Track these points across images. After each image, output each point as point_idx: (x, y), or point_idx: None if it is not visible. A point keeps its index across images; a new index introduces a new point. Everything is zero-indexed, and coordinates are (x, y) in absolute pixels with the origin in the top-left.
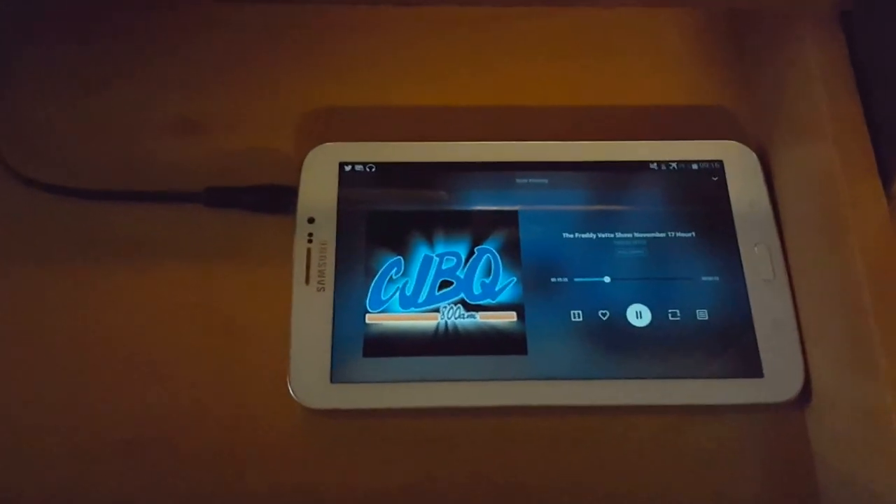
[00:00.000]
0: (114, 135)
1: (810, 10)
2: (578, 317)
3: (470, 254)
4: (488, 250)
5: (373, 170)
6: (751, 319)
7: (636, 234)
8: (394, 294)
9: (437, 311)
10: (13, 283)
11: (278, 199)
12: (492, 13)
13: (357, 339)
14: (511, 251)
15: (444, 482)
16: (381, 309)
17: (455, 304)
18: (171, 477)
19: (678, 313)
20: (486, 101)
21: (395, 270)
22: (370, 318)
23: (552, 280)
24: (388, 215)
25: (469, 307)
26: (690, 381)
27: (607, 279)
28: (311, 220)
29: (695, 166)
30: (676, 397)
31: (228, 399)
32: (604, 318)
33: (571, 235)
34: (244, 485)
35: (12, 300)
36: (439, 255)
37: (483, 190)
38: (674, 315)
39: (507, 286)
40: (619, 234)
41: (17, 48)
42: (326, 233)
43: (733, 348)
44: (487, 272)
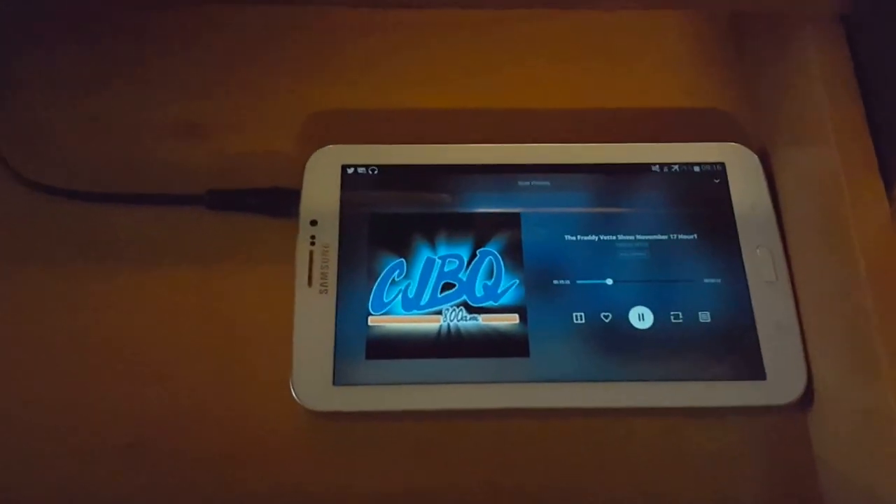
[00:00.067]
0: (116, 137)
1: (811, 12)
2: (581, 319)
3: (472, 256)
4: (490, 252)
5: (375, 172)
6: (753, 322)
7: (638, 237)
8: (396, 296)
9: (439, 313)
10: (15, 284)
11: (281, 202)
12: (493, 16)
13: (359, 341)
14: (513, 253)
15: (446, 485)
16: (384, 311)
17: (457, 306)
18: (173, 479)
19: (680, 315)
20: (488, 104)
21: (397, 273)
22: (372, 321)
23: (554, 282)
24: (390, 218)
25: (471, 309)
26: (692, 383)
27: (609, 281)
28: (313, 222)
29: (696, 168)
30: (678, 400)
31: (230, 401)
32: (606, 321)
33: (573, 238)
34: (246, 487)
35: (14, 302)
36: (441, 257)
37: (485, 192)
38: (676, 317)
39: (510, 288)
40: (621, 237)
41: (19, 49)
42: (329, 235)
43: (735, 350)
44: (490, 274)
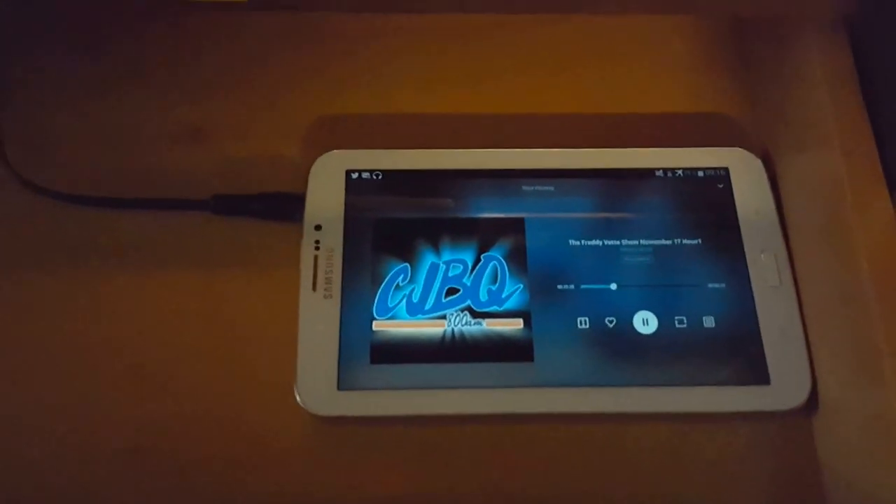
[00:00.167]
0: (121, 142)
1: (814, 17)
2: (585, 324)
3: (476, 261)
4: (495, 257)
5: (380, 177)
6: (757, 326)
7: (642, 241)
8: (400, 301)
9: (443, 318)
10: (19, 288)
11: (285, 207)
12: (497, 21)
13: (364, 345)
14: (517, 258)
15: (450, 489)
16: (388, 316)
17: (462, 311)
18: (176, 484)
19: (685, 320)
20: (491, 109)
21: (401, 277)
22: (377, 325)
23: (559, 287)
24: (394, 222)
25: (476, 314)
26: (697, 388)
27: (614, 286)
28: (318, 227)
29: (700, 173)
30: (683, 405)
31: (235, 406)
32: (610, 326)
33: (578, 242)
34: (250, 492)
35: (19, 306)
36: (446, 262)
37: (489, 197)
38: (680, 322)
39: (514, 293)
40: (625, 241)
41: (25, 54)
42: (333, 240)
43: (740, 355)
44: (494, 279)
